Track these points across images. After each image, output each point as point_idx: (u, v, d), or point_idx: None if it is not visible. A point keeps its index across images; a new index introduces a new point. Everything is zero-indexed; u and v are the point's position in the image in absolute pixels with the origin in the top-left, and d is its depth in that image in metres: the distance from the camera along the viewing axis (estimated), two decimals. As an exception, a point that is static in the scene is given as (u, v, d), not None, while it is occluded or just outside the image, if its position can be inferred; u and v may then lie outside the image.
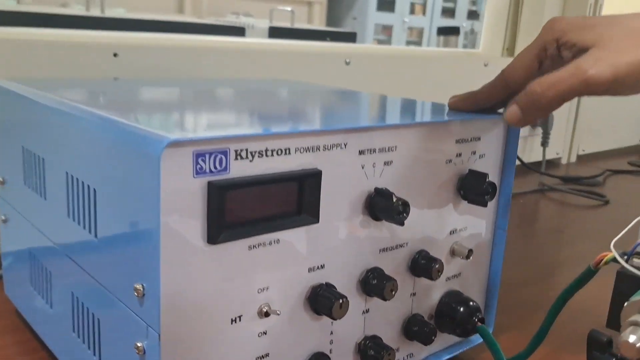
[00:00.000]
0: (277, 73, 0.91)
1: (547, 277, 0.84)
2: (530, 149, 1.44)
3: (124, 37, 0.78)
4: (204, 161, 0.36)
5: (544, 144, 1.41)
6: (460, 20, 4.90)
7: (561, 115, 1.48)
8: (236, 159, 0.37)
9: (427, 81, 1.15)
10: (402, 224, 0.44)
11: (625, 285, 0.43)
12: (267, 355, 0.42)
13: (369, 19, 4.61)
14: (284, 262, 0.41)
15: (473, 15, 4.98)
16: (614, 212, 1.18)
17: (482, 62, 1.26)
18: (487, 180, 0.51)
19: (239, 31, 2.08)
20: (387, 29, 4.75)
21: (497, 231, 0.58)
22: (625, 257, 0.43)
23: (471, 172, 0.52)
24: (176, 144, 0.34)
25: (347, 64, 0.99)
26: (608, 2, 1.46)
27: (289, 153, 0.40)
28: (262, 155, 0.38)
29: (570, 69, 0.45)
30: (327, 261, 0.44)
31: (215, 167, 0.36)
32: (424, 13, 4.79)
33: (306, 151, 0.41)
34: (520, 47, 1.46)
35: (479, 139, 0.53)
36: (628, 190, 1.39)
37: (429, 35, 4.77)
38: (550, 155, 1.48)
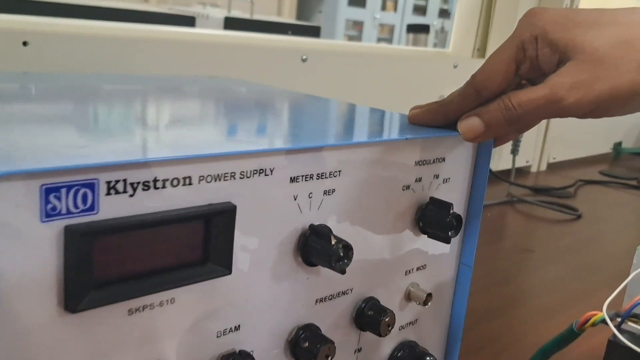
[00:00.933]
0: (224, 70, 0.81)
1: (515, 308, 0.76)
2: (498, 157, 1.36)
3: (36, 23, 0.66)
4: (59, 198, 0.25)
5: (514, 151, 1.33)
6: (431, 18, 4.85)
7: (532, 122, 1.41)
8: (109, 193, 0.27)
9: (391, 82, 1.05)
10: (342, 272, 0.35)
11: (617, 357, 0.34)
12: None
13: (340, 14, 4.51)
14: (182, 327, 0.31)
15: (444, 13, 4.94)
16: (586, 228, 1.11)
17: (451, 62, 1.17)
18: (452, 211, 0.42)
19: (188, 21, 1.92)
20: (357, 25, 4.67)
21: (461, 267, 0.49)
22: (618, 319, 0.34)
23: (433, 200, 0.43)
24: (10, 177, 0.24)
25: (304, 60, 0.89)
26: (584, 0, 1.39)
27: (190, 183, 0.30)
28: (149, 187, 0.28)
29: (544, 92, 0.37)
30: (243, 321, 0.34)
31: (76, 207, 0.26)
32: (395, 9, 4.73)
33: (215, 180, 0.31)
34: (492, 49, 1.38)
35: (443, 159, 0.44)
36: (600, 202, 1.33)
37: (400, 33, 4.70)
38: (519, 162, 1.40)
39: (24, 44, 0.65)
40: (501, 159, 1.36)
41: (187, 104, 0.51)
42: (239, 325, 0.34)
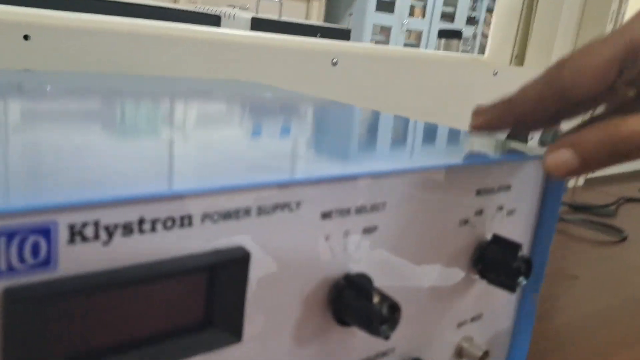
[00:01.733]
0: (250, 72, 0.73)
1: (565, 347, 0.67)
2: (537, 171, 1.26)
3: (38, 16, 0.59)
4: (-3, 249, 0.18)
5: (553, 166, 1.24)
6: (459, 24, 4.74)
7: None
8: (72, 241, 0.19)
9: (427, 88, 0.97)
10: (386, 338, 0.27)
11: None
12: None
13: (367, 19, 4.42)
14: (175, 413, 0.24)
15: (472, 21, 4.84)
16: (633, 252, 1.01)
17: (489, 70, 1.09)
18: (520, 254, 0.33)
19: (213, 20, 1.83)
20: (385, 30, 4.58)
21: (521, 315, 0.40)
22: None
23: (496, 239, 0.34)
24: None
25: (334, 64, 0.81)
26: (633, 4, 1.30)
27: (190, 224, 0.22)
28: (132, 231, 0.20)
29: None
30: (258, 398, 0.26)
31: (22, 260, 0.18)
32: (423, 16, 4.63)
33: (223, 219, 0.23)
34: (531, 56, 1.29)
35: (509, 187, 0.35)
36: (646, 223, 1.22)
37: (428, 39, 4.60)
38: (558, 178, 1.31)
39: (25, 37, 0.59)
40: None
41: (194, 114, 0.44)
42: (250, 403, 0.26)
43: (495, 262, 0.34)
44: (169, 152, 0.28)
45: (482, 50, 1.26)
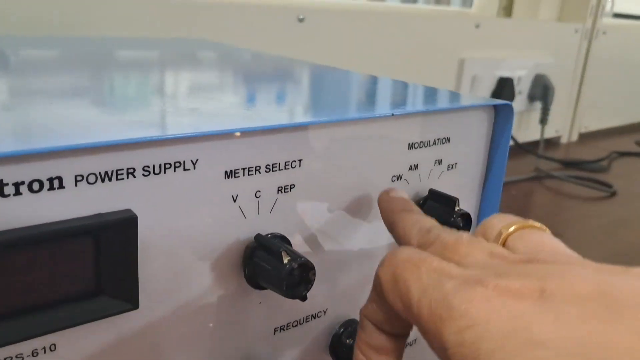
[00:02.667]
0: (205, 31, 0.71)
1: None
2: (526, 127, 1.24)
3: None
4: None
5: (543, 121, 1.21)
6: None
7: (562, 89, 1.28)
8: None
9: (404, 45, 0.94)
10: (302, 299, 0.25)
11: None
12: None
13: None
14: (66, 384, 0.23)
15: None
16: (622, 207, 1.00)
17: (472, 22, 1.05)
18: (458, 208, 0.32)
19: None
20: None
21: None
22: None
23: (433, 194, 0.33)
24: None
25: (301, 20, 0.79)
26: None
27: (62, 186, 0.20)
28: (-10, 195, 0.19)
29: None
30: (165, 366, 0.25)
31: None
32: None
33: (103, 180, 0.21)
34: (518, 8, 1.25)
35: (448, 140, 0.34)
36: (637, 177, 1.20)
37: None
38: (548, 133, 1.28)
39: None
40: (529, 128, 1.24)
41: (93, 71, 0.42)
42: (160, 372, 0.25)
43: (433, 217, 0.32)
44: (44, 110, 0.26)
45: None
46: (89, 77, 0.37)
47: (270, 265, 0.25)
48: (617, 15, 1.61)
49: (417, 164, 0.32)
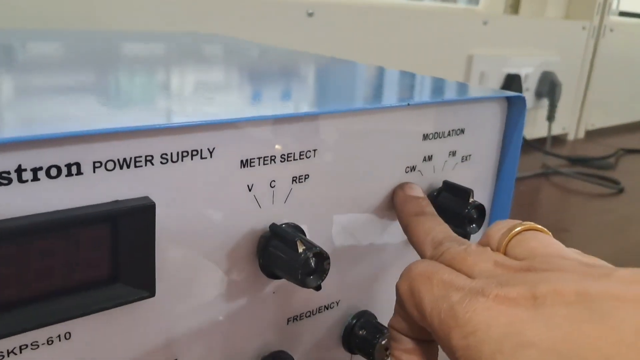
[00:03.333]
0: (216, 25, 0.71)
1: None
2: (533, 124, 1.24)
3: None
4: None
5: (550, 118, 1.21)
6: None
7: (569, 86, 1.28)
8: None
9: (412, 41, 0.94)
10: (317, 288, 0.25)
11: None
12: None
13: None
14: (82, 372, 0.23)
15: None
16: (629, 204, 0.99)
17: (480, 19, 1.05)
18: (472, 200, 0.32)
19: None
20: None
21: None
22: None
23: (447, 185, 0.33)
24: None
25: (310, 15, 0.78)
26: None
27: (80, 172, 0.20)
28: (10, 180, 0.19)
29: None
30: (180, 355, 0.25)
31: None
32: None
33: (121, 167, 0.21)
34: (525, 3, 1.25)
35: (462, 131, 0.33)
36: (645, 174, 1.20)
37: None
38: (555, 130, 1.28)
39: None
40: (535, 125, 1.24)
41: (107, 65, 0.42)
42: (175, 360, 0.25)
43: (446, 209, 0.32)
44: (63, 98, 0.26)
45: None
46: (104, 70, 0.37)
47: (286, 254, 0.25)
48: (623, 14, 1.60)
49: (432, 155, 0.32)
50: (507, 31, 1.11)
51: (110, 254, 0.22)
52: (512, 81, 1.12)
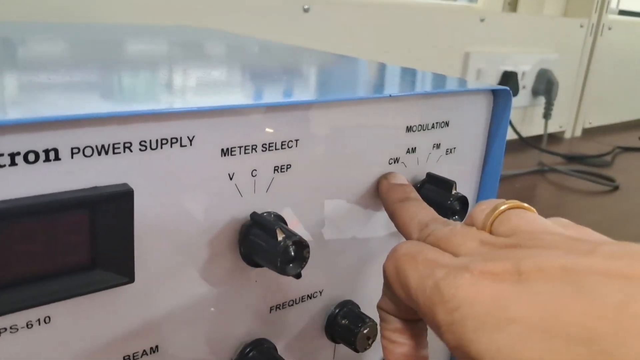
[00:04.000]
0: (210, 20, 0.71)
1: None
2: (530, 121, 1.24)
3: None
4: None
5: (547, 115, 1.21)
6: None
7: (566, 84, 1.28)
8: None
9: (409, 37, 0.94)
10: (296, 276, 0.26)
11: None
12: None
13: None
14: (66, 356, 0.23)
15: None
16: (624, 201, 1.00)
17: (478, 17, 1.05)
18: (455, 192, 0.32)
19: None
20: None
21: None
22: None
23: (430, 177, 0.33)
24: None
25: (306, 11, 0.79)
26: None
27: (58, 158, 0.21)
28: (-14, 164, 0.19)
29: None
30: (161, 340, 0.26)
31: None
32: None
33: (99, 153, 0.21)
34: (523, 2, 1.25)
35: (447, 124, 0.34)
36: (640, 172, 1.20)
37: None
38: (552, 128, 1.28)
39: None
40: (532, 123, 1.24)
41: (96, 56, 0.42)
42: (156, 347, 0.26)
43: (429, 201, 0.32)
44: (45, 86, 0.26)
45: None
46: (91, 62, 0.38)
47: (266, 242, 0.25)
48: (623, 13, 1.60)
49: (415, 147, 0.32)
50: (505, 28, 1.11)
51: (89, 240, 0.22)
52: (508, 79, 1.12)
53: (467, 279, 0.19)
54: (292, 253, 0.25)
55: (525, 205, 0.24)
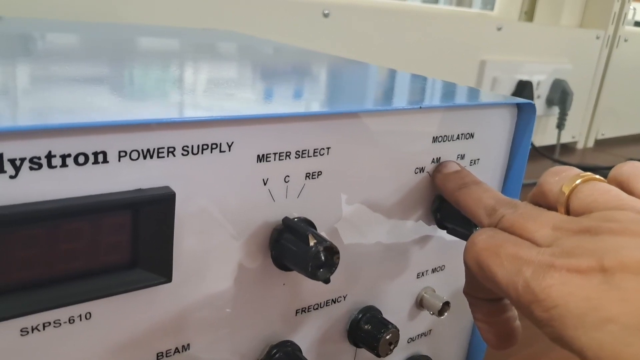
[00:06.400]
0: (232, 23, 0.72)
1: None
2: (543, 131, 1.24)
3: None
4: None
5: (560, 125, 1.21)
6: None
7: (581, 95, 1.28)
8: (-27, 173, 0.19)
9: (426, 44, 0.95)
10: (325, 281, 0.26)
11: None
12: None
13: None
14: (102, 348, 0.24)
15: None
16: (637, 215, 0.99)
17: (494, 25, 1.06)
18: (479, 203, 0.32)
19: None
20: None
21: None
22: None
23: (455, 188, 0.34)
24: None
25: (326, 16, 0.79)
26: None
27: (106, 160, 0.21)
28: (40, 165, 0.20)
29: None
30: (193, 339, 0.26)
31: None
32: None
33: (144, 157, 0.22)
34: (540, 11, 1.25)
35: (472, 136, 0.34)
36: (653, 186, 1.20)
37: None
38: (565, 138, 1.28)
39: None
40: (546, 133, 1.24)
41: (129, 58, 0.43)
42: (188, 345, 0.26)
43: (453, 211, 0.33)
44: (88, 89, 0.27)
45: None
46: (129, 64, 0.39)
47: (297, 247, 0.26)
48: (639, 24, 1.60)
49: (440, 157, 0.33)
50: (521, 38, 1.12)
51: (131, 240, 0.23)
52: (523, 88, 1.12)
53: (556, 279, 0.20)
54: (323, 258, 0.26)
55: (597, 177, 0.24)
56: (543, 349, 0.53)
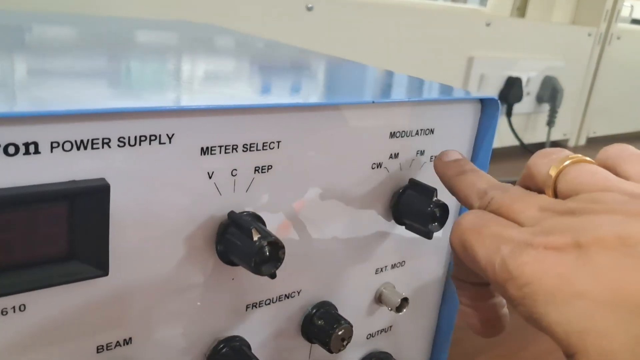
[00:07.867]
0: (210, 17, 0.71)
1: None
2: (533, 128, 1.24)
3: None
4: None
5: (550, 123, 1.21)
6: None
7: (572, 92, 1.28)
8: None
9: (413, 40, 0.94)
10: (271, 276, 0.26)
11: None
12: None
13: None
14: (39, 343, 0.23)
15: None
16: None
17: (483, 21, 1.05)
18: (435, 199, 0.32)
19: None
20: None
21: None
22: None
23: (412, 183, 0.33)
24: None
25: (309, 9, 0.79)
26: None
27: (37, 151, 0.21)
28: (-35, 155, 0.20)
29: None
30: (134, 333, 0.26)
31: None
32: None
33: (78, 148, 0.22)
34: (532, 7, 1.24)
35: (432, 131, 0.34)
36: (641, 184, 1.19)
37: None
38: (555, 136, 1.28)
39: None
40: (536, 130, 1.24)
41: (93, 48, 0.43)
42: (130, 339, 0.26)
43: (410, 207, 0.33)
44: (28, 78, 0.27)
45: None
46: (88, 54, 0.38)
47: (242, 241, 0.26)
48: (636, 21, 1.60)
49: (398, 153, 0.33)
50: (511, 34, 1.11)
51: (66, 232, 0.23)
52: (512, 84, 1.11)
53: (532, 256, 0.20)
54: (267, 253, 0.25)
55: (587, 158, 0.24)
56: (513, 349, 0.52)
